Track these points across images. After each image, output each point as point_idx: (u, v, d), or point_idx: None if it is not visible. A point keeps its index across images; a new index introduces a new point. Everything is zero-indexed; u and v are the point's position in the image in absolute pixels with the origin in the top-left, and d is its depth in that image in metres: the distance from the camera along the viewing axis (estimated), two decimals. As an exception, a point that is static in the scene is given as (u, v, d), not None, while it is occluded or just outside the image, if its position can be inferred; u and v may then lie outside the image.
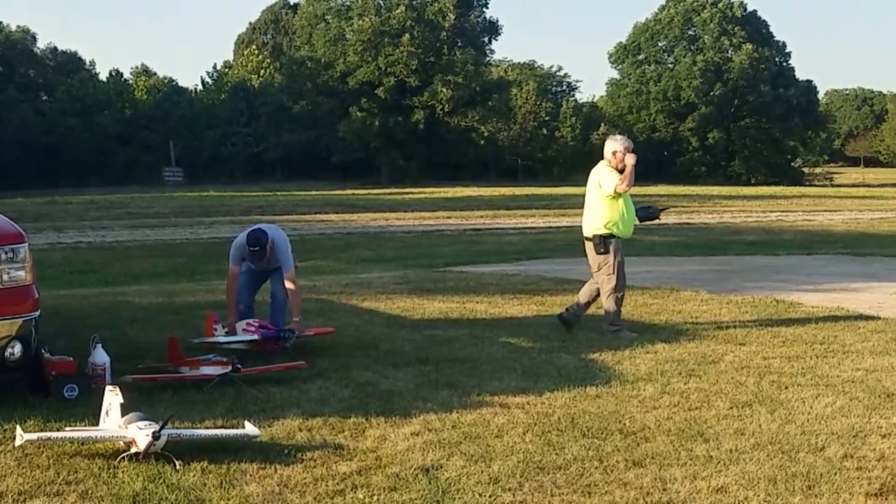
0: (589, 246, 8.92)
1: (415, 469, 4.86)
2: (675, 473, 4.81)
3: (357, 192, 50.28)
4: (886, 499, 4.52)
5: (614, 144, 9.11)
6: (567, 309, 9.08)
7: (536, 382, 6.70)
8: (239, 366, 6.59)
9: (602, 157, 9.17)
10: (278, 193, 45.35)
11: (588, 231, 8.96)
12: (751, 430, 5.57)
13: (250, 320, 8.10)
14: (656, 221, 9.86)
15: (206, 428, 5.49)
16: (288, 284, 8.20)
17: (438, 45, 72.03)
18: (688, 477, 4.77)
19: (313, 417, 5.76)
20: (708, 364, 7.39)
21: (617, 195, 8.78)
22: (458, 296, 11.09)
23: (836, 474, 4.83)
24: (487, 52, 79.35)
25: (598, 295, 8.90)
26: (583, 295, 9.06)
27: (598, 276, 8.83)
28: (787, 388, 6.61)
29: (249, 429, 5.32)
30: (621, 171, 8.84)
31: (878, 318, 9.50)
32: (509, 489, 4.61)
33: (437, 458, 5.05)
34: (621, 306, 8.81)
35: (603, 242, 8.76)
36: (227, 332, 8.05)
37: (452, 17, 71.73)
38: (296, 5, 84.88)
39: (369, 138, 70.01)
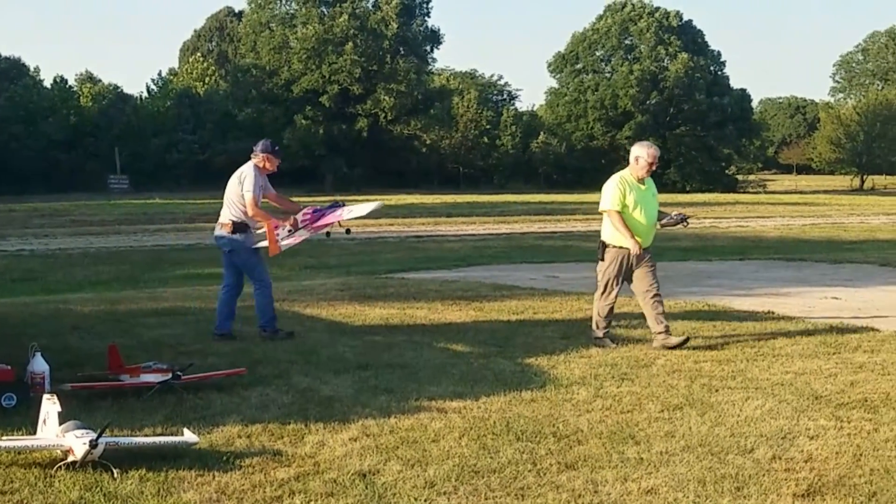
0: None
1: (352, 474, 4.84)
2: (606, 476, 4.85)
3: (302, 199, 49.96)
4: (813, 500, 4.58)
5: (639, 150, 8.70)
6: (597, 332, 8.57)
7: (473, 387, 6.71)
8: (179, 373, 6.53)
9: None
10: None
11: (601, 236, 8.76)
12: (681, 433, 5.62)
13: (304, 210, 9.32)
14: (680, 226, 9.47)
15: (145, 436, 5.42)
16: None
17: (381, 53, 72.03)
18: (619, 479, 4.80)
19: (253, 424, 5.71)
20: (640, 368, 7.45)
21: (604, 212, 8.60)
22: (399, 302, 11.08)
23: (764, 476, 4.88)
24: (429, 60, 79.47)
25: (656, 301, 8.51)
26: (647, 314, 8.59)
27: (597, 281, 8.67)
28: (717, 391, 6.68)
29: (188, 436, 5.26)
30: (640, 181, 8.58)
31: (808, 322, 9.65)
32: (444, 493, 4.62)
33: (374, 462, 5.03)
34: (606, 315, 8.57)
35: (602, 249, 8.61)
36: (290, 231, 9.10)
37: (395, 25, 71.76)
38: (240, 13, 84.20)
39: (314, 146, 69.79)
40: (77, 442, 4.83)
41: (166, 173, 66.52)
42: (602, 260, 8.63)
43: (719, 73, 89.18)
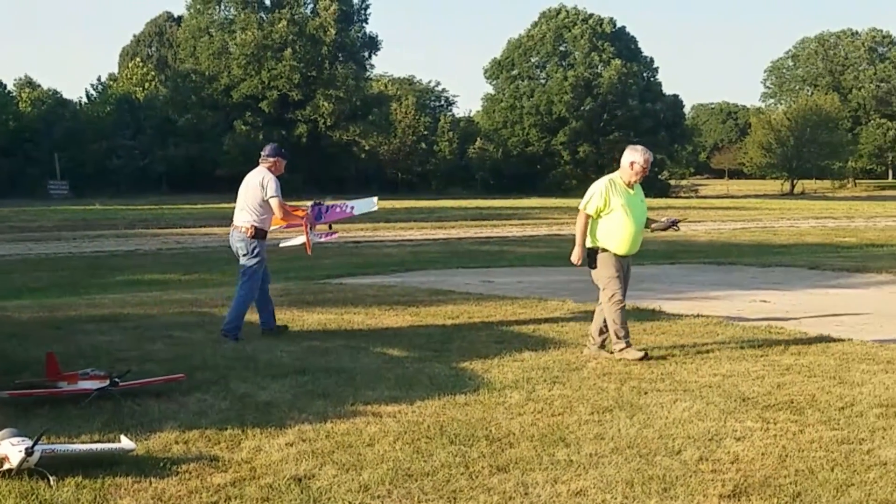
0: None
1: (288, 479, 4.84)
2: (536, 478, 4.90)
3: (242, 204, 49.54)
4: (739, 500, 4.63)
5: (633, 155, 8.30)
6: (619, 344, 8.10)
7: (409, 391, 6.73)
8: (117, 380, 6.46)
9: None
10: (164, 207, 44.39)
11: (587, 243, 8.34)
12: (610, 435, 5.68)
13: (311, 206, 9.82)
14: (671, 230, 9.23)
15: (82, 443, 5.36)
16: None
17: (320, 59, 71.75)
18: (549, 481, 4.86)
19: (190, 430, 5.68)
20: (572, 371, 7.52)
21: (592, 216, 8.17)
22: (337, 307, 11.07)
23: (691, 477, 4.93)
24: (368, 66, 79.42)
25: (622, 306, 8.21)
26: (593, 322, 8.42)
27: (600, 292, 8.25)
28: (646, 393, 6.77)
29: (125, 443, 5.22)
30: (630, 185, 8.23)
31: (737, 325, 9.79)
32: (378, 497, 4.64)
33: (309, 467, 5.03)
34: (624, 320, 8.13)
35: (590, 256, 8.22)
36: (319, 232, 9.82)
37: (333, 31, 71.50)
38: (179, 18, 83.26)
39: (254, 152, 68.72)
40: (13, 450, 4.76)
41: (106, 179, 65.54)
42: (594, 267, 8.25)
43: (652, 79, 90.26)
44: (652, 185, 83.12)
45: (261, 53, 70.17)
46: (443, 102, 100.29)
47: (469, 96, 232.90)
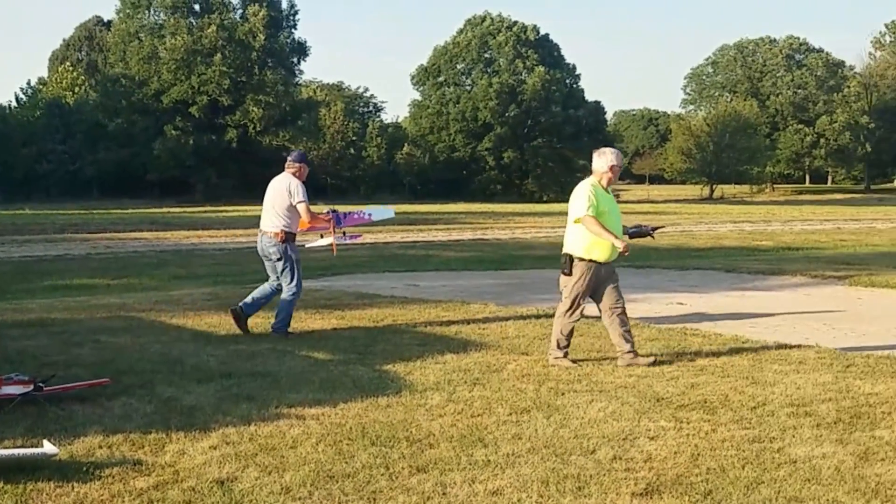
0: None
1: (210, 482, 4.80)
2: (455, 478, 4.92)
3: (172, 210, 48.95)
4: (651, 498, 4.67)
5: (612, 158, 8.05)
6: (556, 353, 8.02)
7: (332, 394, 6.71)
8: (41, 384, 6.33)
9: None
10: (94, 211, 43.58)
11: (564, 248, 8.10)
12: (527, 435, 5.72)
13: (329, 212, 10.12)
14: (647, 238, 9.05)
15: (4, 448, 5.25)
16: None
17: (249, 65, 71.04)
18: (467, 481, 4.88)
19: (114, 434, 5.59)
20: (492, 373, 7.56)
21: (579, 221, 7.89)
22: (264, 311, 10.89)
23: (605, 475, 4.96)
24: (297, 72, 78.82)
25: (622, 320, 8.02)
26: (612, 333, 8.08)
27: (562, 297, 8.06)
28: (563, 394, 6.81)
29: (48, 447, 5.12)
30: (606, 189, 8.00)
31: (653, 327, 9.88)
32: (300, 498, 4.63)
33: (232, 470, 5.00)
34: (569, 334, 8.04)
35: (569, 263, 7.95)
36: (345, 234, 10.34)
37: (262, 37, 70.82)
38: (109, 22, 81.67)
39: (184, 156, 68.29)
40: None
41: (36, 183, 64.17)
42: (568, 274, 7.95)
43: (574, 86, 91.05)
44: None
45: (191, 58, 69.21)
46: (371, 108, 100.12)
47: (397, 102, 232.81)
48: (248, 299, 9.67)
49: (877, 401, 6.59)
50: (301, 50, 77.19)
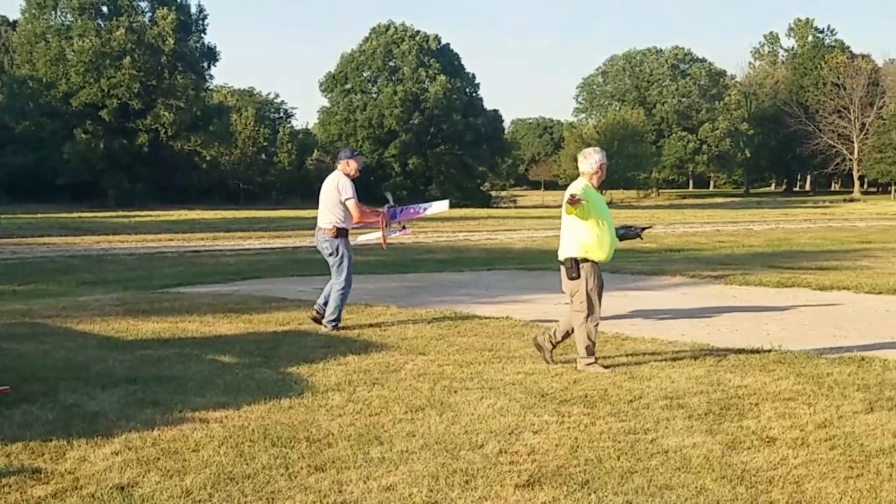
0: (562, 271, 7.97)
1: (111, 488, 4.73)
2: (351, 476, 4.96)
3: (83, 215, 47.57)
4: (533, 489, 4.77)
5: (599, 157, 7.95)
6: (541, 335, 8.14)
7: (236, 397, 6.66)
8: (-59, 393, 6.15)
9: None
10: (1, 217, 42.08)
11: (561, 254, 7.99)
12: (421, 432, 5.79)
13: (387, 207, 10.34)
14: (637, 240, 8.83)
15: None
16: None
17: (159, 68, 69.37)
18: (362, 478, 4.93)
19: (14, 443, 5.45)
20: (390, 373, 7.61)
21: (572, 212, 7.77)
22: (173, 316, 10.82)
23: (491, 469, 5.05)
24: (207, 77, 77.39)
25: (598, 322, 7.95)
26: (562, 325, 8.07)
27: (572, 306, 7.89)
28: (456, 392, 6.90)
29: (-55, 458, 4.99)
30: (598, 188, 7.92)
31: (541, 326, 9.98)
32: (200, 501, 4.60)
33: (134, 475, 4.94)
34: (595, 338, 7.89)
35: (575, 266, 7.81)
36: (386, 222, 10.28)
37: (172, 41, 69.27)
38: (15, 22, 78.84)
39: (95, 160, 66.39)
40: None
41: (-57, 186, 61.63)
42: (576, 278, 7.79)
43: (474, 94, 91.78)
44: (475, 195, 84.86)
45: (99, 61, 67.21)
46: (281, 114, 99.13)
47: (307, 109, 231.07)
48: (321, 299, 10.03)
49: (745, 393, 6.82)
50: (211, 55, 75.86)
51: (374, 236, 10.66)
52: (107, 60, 67.14)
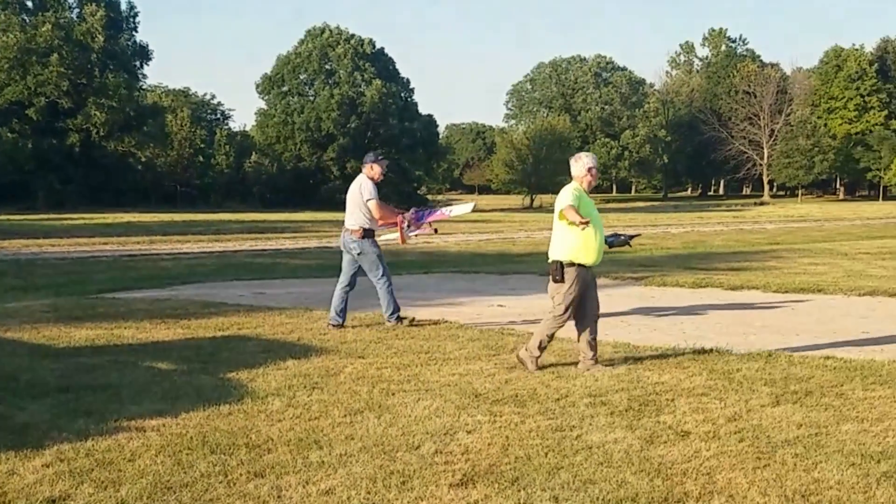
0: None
1: (41, 501, 4.59)
2: (290, 481, 4.92)
3: (11, 217, 46.33)
4: (466, 487, 4.82)
5: (589, 161, 7.99)
6: (534, 353, 7.87)
7: (174, 404, 6.54)
8: None
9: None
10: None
11: (550, 256, 7.85)
12: (359, 435, 5.77)
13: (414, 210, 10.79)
14: (626, 248, 8.77)
15: None
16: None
17: (89, 66, 67.26)
18: (301, 483, 4.89)
19: (-62, 458, 5.24)
20: (330, 377, 7.57)
21: (564, 219, 7.69)
22: (107, 322, 10.59)
23: (426, 469, 5.07)
24: (140, 76, 75.69)
25: (593, 327, 7.87)
26: (581, 338, 7.92)
27: (550, 306, 7.85)
28: (394, 394, 6.91)
29: None
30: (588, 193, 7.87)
31: (475, 328, 10.11)
32: (136, 511, 4.51)
33: (66, 487, 4.80)
34: (551, 340, 7.92)
35: (560, 270, 7.71)
36: (410, 223, 10.54)
37: (101, 38, 67.30)
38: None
39: (23, 161, 64.06)
40: None
41: None
42: (560, 281, 7.72)
43: (409, 99, 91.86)
44: (412, 200, 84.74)
45: (25, 58, 64.78)
46: (219, 116, 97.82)
47: (244, 110, 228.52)
48: (332, 312, 10.18)
49: (662, 389, 7.04)
50: (143, 53, 74.26)
51: (393, 236, 10.91)
52: (33, 57, 64.81)
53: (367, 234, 10.15)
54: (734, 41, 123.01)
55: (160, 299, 13.10)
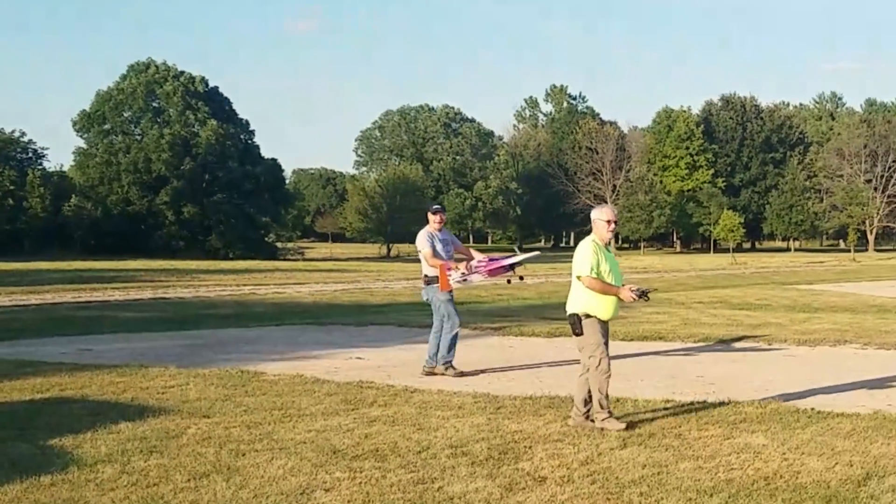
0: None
1: None
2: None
3: None
4: None
5: (608, 213, 8.22)
6: (573, 416, 8.02)
7: (-14, 477, 6.15)
8: None
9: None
10: None
11: (567, 310, 8.08)
12: (206, 500, 5.64)
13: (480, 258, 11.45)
14: (642, 300, 8.63)
15: None
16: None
17: None
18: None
19: None
20: (170, 439, 7.35)
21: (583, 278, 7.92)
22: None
23: None
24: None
25: (609, 374, 7.99)
26: (577, 392, 8.08)
27: (583, 360, 8.01)
28: (244, 454, 6.79)
29: None
30: (606, 246, 8.12)
31: (332, 382, 10.10)
32: None
33: None
34: (607, 391, 7.94)
35: (578, 323, 7.93)
36: (464, 274, 11.19)
37: None
38: None
39: None
40: None
41: None
42: (580, 334, 7.97)
43: (250, 142, 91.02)
44: (260, 247, 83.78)
45: None
46: (30, 155, 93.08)
47: (59, 149, 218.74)
48: (427, 355, 11.07)
49: (521, 437, 7.43)
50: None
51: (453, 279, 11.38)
52: None
53: (431, 280, 11.10)
54: (574, 98, 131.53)
55: (-32, 360, 12.37)
